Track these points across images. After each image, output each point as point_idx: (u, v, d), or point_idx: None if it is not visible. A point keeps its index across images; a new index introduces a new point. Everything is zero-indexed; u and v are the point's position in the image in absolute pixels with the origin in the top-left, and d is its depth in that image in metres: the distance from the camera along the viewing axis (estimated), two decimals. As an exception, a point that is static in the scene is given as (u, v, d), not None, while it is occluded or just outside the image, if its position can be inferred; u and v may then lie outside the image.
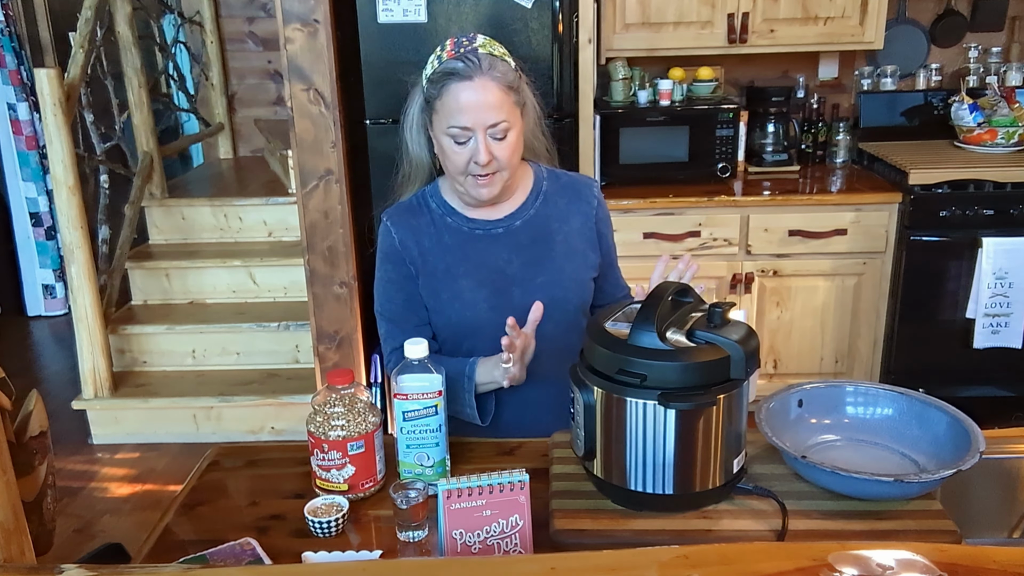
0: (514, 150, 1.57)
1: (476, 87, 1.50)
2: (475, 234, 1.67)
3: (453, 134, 1.53)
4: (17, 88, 4.40)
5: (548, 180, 1.72)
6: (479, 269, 1.65)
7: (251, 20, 4.92)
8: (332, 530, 1.34)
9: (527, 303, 1.61)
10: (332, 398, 1.43)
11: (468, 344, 1.67)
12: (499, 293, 1.65)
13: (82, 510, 2.99)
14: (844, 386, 1.50)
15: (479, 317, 1.64)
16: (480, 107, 1.51)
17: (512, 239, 1.67)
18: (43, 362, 4.28)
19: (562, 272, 1.66)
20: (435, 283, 1.66)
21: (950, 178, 3.07)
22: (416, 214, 1.68)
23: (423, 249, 1.66)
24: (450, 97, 1.52)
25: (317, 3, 2.64)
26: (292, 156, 2.87)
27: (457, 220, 1.67)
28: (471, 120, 1.51)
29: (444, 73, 1.53)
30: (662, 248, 3.12)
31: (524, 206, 1.68)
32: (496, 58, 1.54)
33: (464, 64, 1.51)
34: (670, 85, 3.32)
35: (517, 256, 1.66)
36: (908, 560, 0.88)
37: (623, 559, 0.96)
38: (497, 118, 1.52)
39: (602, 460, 1.33)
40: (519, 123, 1.58)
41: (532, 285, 1.65)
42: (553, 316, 1.61)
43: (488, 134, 1.53)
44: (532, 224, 1.68)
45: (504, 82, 1.53)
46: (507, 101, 1.53)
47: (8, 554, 1.16)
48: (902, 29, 3.56)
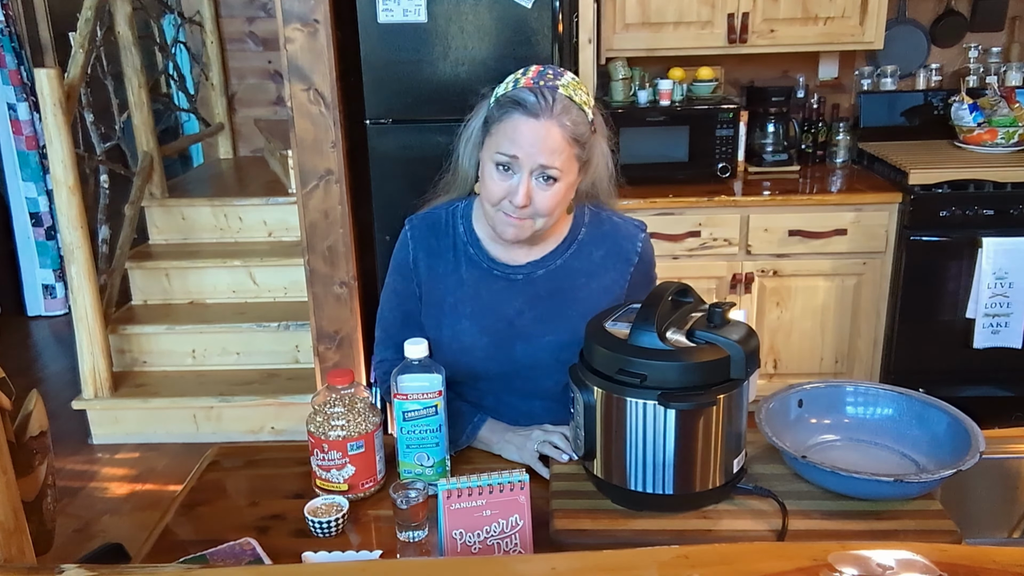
0: (558, 202, 1.46)
1: (538, 126, 1.40)
2: (492, 274, 1.58)
3: (499, 160, 1.44)
4: (17, 88, 4.39)
5: (588, 226, 1.60)
6: (486, 315, 1.57)
7: (251, 20, 4.92)
8: (332, 530, 1.34)
9: (529, 359, 1.57)
10: (332, 398, 1.43)
11: (457, 387, 1.58)
12: (500, 345, 1.57)
13: (82, 510, 2.99)
14: (844, 386, 1.50)
15: (474, 364, 1.58)
16: (535, 145, 1.41)
17: (529, 288, 1.57)
18: (43, 362, 4.28)
19: (574, 333, 1.44)
20: (439, 315, 1.59)
21: (950, 178, 3.07)
22: (440, 234, 1.60)
23: (435, 274, 1.59)
24: (509, 125, 1.43)
25: (317, 3, 2.64)
26: (292, 156, 2.87)
27: (478, 254, 1.58)
28: (521, 153, 1.42)
29: (512, 100, 1.43)
30: (662, 248, 3.12)
31: (553, 254, 1.58)
32: (573, 104, 1.43)
33: (535, 99, 1.41)
34: (670, 85, 3.32)
35: (530, 308, 1.57)
36: (908, 560, 0.88)
37: (623, 559, 0.96)
38: (549, 162, 1.42)
39: (602, 460, 1.33)
40: (573, 176, 1.47)
41: (539, 342, 1.56)
42: (554, 375, 1.53)
43: (534, 176, 1.43)
44: (555, 276, 1.57)
45: (571, 132, 1.43)
46: (567, 152, 1.43)
47: (8, 554, 1.16)
48: (902, 29, 3.56)
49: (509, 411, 1.61)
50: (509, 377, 1.60)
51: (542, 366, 1.57)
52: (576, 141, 1.44)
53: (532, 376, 1.59)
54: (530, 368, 1.58)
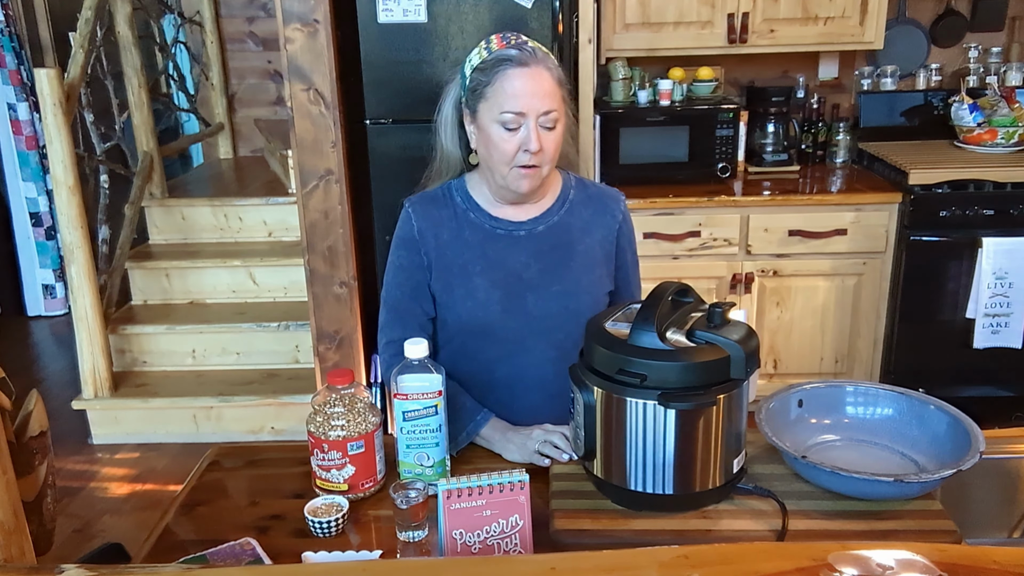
0: (558, 144, 1.56)
1: (532, 74, 1.50)
2: (496, 233, 1.64)
3: (505, 120, 1.51)
4: (17, 88, 4.40)
5: (576, 189, 1.70)
6: (495, 269, 1.63)
7: (251, 20, 4.92)
8: (332, 530, 1.34)
9: (540, 310, 1.62)
10: (332, 398, 1.43)
11: (475, 344, 1.65)
12: (513, 296, 1.63)
13: (82, 510, 2.99)
14: (844, 386, 1.50)
15: (490, 318, 1.63)
16: (535, 93, 1.50)
17: (533, 243, 1.64)
18: (43, 362, 4.28)
19: (578, 284, 1.64)
20: (449, 277, 1.64)
21: (950, 178, 3.07)
22: (439, 205, 1.66)
23: (441, 241, 1.64)
24: (505, 82, 1.50)
25: (317, 3, 2.64)
26: (292, 156, 2.87)
27: (480, 217, 1.65)
28: (525, 105, 1.49)
29: (498, 60, 1.52)
30: (662, 248, 3.12)
31: (550, 211, 1.66)
32: (546, 53, 1.55)
33: (519, 52, 1.51)
34: (670, 85, 3.32)
35: (536, 261, 1.64)
36: (908, 560, 0.88)
37: (623, 559, 0.96)
38: (551, 106, 1.51)
39: (602, 460, 1.33)
40: (566, 119, 1.57)
41: (547, 293, 1.63)
42: (565, 326, 1.61)
43: (540, 122, 1.51)
44: (555, 231, 1.65)
45: (556, 74, 1.54)
46: (558, 93, 1.53)
47: (8, 554, 1.16)
48: (902, 29, 3.56)
49: (521, 376, 1.64)
50: (522, 332, 1.63)
51: (553, 316, 1.63)
52: (561, 83, 1.55)
53: (543, 328, 1.63)
54: (541, 319, 1.63)
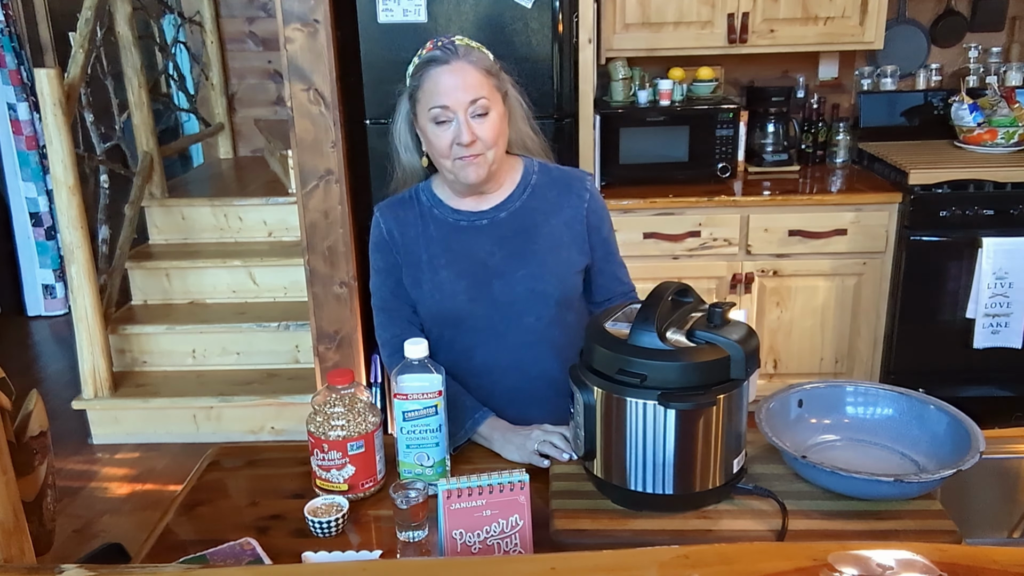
0: (497, 131, 1.58)
1: (453, 69, 1.55)
2: (459, 225, 1.68)
3: (434, 115, 1.55)
4: (17, 88, 4.40)
5: (539, 174, 1.73)
6: (460, 260, 1.66)
7: (251, 20, 4.92)
8: (332, 530, 1.34)
9: (507, 295, 1.65)
10: (332, 398, 1.43)
11: (449, 334, 1.69)
12: (479, 284, 1.66)
13: (82, 510, 2.99)
14: (844, 386, 1.50)
15: (459, 307, 1.66)
16: (458, 87, 1.54)
17: (496, 231, 1.68)
18: (43, 362, 4.28)
19: (544, 265, 1.66)
20: (417, 273, 1.68)
21: (950, 178, 3.07)
22: (406, 207, 1.71)
23: (407, 239, 1.69)
24: (429, 82, 1.56)
25: (317, 3, 2.64)
26: (292, 156, 2.87)
27: (443, 211, 1.69)
28: (450, 100, 1.54)
29: (423, 63, 1.58)
30: (662, 248, 3.12)
31: (510, 198, 1.69)
32: (472, 48, 1.59)
33: (441, 52, 1.56)
34: (670, 85, 3.32)
35: (500, 248, 1.67)
36: (908, 560, 0.88)
37: (623, 559, 0.96)
38: (476, 95, 1.54)
39: (602, 460, 1.33)
40: (500, 106, 1.60)
41: (513, 278, 1.66)
42: (534, 309, 1.65)
43: (469, 113, 1.55)
44: (517, 216, 1.68)
45: (481, 66, 1.57)
46: (486, 83, 1.56)
47: (8, 554, 1.16)
48: (902, 29, 3.56)
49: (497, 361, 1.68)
50: (492, 319, 1.67)
51: (520, 301, 1.66)
52: (489, 72, 1.58)
53: (512, 313, 1.67)
54: (509, 304, 1.66)
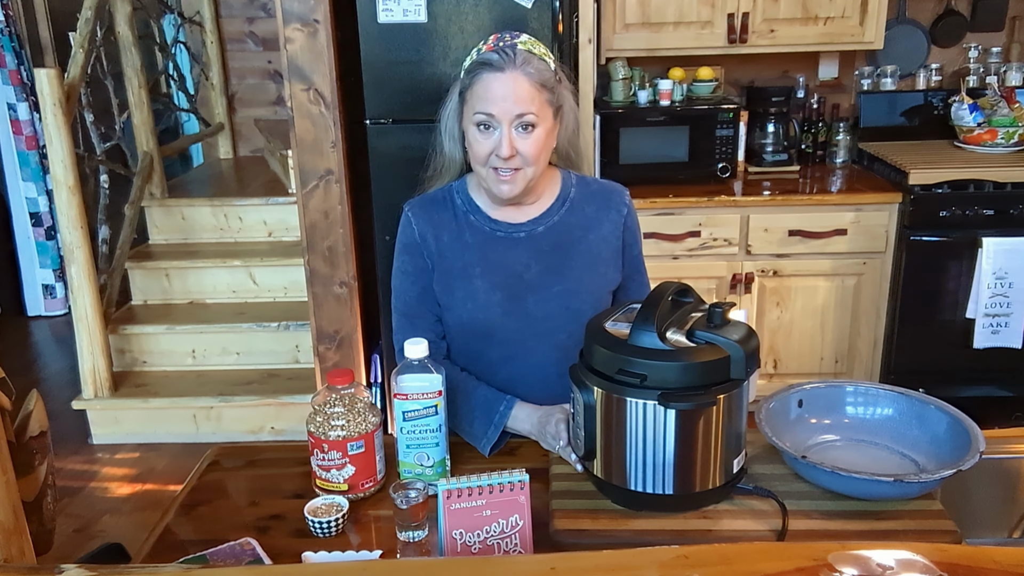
0: (541, 148, 1.54)
1: (506, 79, 1.50)
2: (496, 236, 1.64)
3: (478, 120, 1.52)
4: (17, 88, 4.39)
5: (577, 187, 1.69)
6: (496, 271, 1.63)
7: (251, 20, 4.92)
8: (332, 530, 1.34)
9: (541, 311, 1.62)
10: (332, 398, 1.43)
11: (476, 346, 1.66)
12: (513, 298, 1.62)
13: (82, 510, 2.99)
14: (844, 386, 1.50)
15: (491, 320, 1.63)
16: (507, 98, 1.49)
17: (533, 244, 1.64)
18: (43, 362, 4.28)
19: (580, 282, 1.64)
20: (450, 280, 1.64)
21: (950, 178, 3.07)
22: (439, 208, 1.66)
23: (441, 244, 1.64)
24: (480, 85, 1.52)
25: (317, 3, 2.64)
26: (292, 156, 2.87)
27: (480, 219, 1.65)
28: (496, 109, 1.50)
29: (478, 64, 1.53)
30: (662, 248, 3.12)
31: (549, 212, 1.65)
32: (534, 56, 1.53)
33: (499, 56, 1.51)
34: (670, 85, 3.32)
35: (536, 262, 1.63)
36: (908, 560, 0.88)
37: (623, 559, 0.96)
38: (524, 109, 1.50)
39: (602, 460, 1.33)
40: (550, 122, 1.56)
41: (548, 293, 1.63)
42: (567, 327, 1.61)
43: (514, 127, 1.51)
44: (555, 231, 1.65)
45: (537, 79, 1.51)
46: (538, 97, 1.52)
47: (8, 554, 1.16)
48: (902, 29, 3.56)
49: (524, 376, 1.65)
50: (523, 334, 1.64)
51: (554, 316, 1.63)
52: (544, 87, 1.53)
53: (545, 329, 1.63)
54: (543, 319, 1.63)
